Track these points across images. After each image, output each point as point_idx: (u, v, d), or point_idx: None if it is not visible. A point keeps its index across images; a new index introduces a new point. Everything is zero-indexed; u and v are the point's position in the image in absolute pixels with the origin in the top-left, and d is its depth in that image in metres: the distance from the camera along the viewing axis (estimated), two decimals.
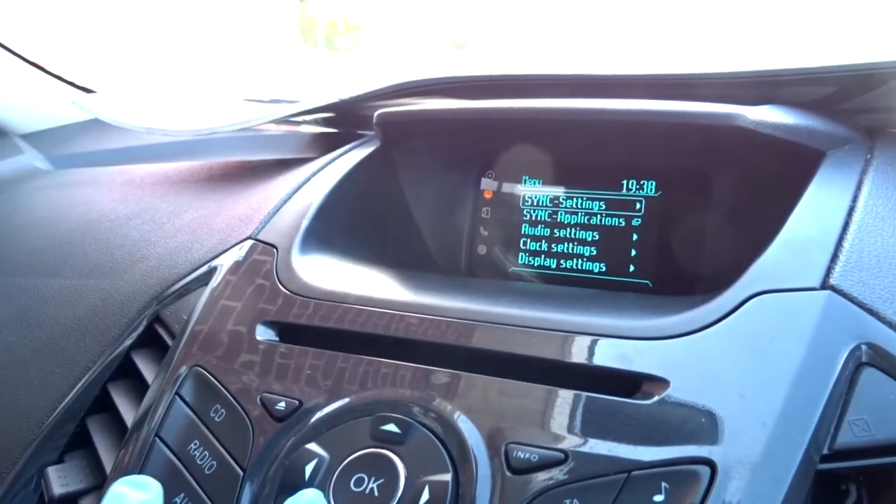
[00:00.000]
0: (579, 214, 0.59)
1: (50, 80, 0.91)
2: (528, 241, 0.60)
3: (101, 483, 0.46)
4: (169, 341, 0.50)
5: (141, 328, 0.53)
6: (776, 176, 0.50)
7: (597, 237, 0.58)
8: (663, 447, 0.35)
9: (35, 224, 0.72)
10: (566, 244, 0.59)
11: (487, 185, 0.63)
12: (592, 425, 0.36)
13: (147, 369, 0.50)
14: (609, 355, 0.39)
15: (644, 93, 0.54)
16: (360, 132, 0.72)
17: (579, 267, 0.58)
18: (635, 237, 0.56)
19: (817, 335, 0.37)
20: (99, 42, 1.03)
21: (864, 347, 0.36)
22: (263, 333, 0.46)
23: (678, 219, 0.55)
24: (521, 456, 0.36)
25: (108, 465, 0.46)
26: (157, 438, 0.43)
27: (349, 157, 0.61)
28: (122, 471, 0.43)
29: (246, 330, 0.46)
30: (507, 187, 0.62)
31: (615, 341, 0.39)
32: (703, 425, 0.35)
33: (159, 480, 0.41)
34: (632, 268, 0.56)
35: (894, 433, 0.34)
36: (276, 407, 0.42)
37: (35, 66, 0.90)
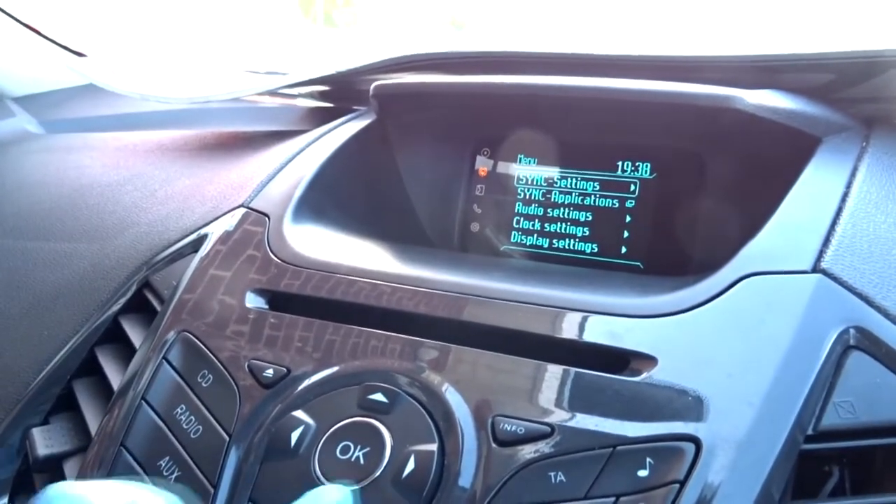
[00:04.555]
0: (573, 194, 0.58)
1: (44, 44, 0.90)
2: (522, 219, 0.60)
3: (85, 445, 0.46)
4: (158, 306, 0.50)
5: (130, 293, 0.53)
6: (772, 160, 0.50)
7: (590, 218, 0.58)
8: (649, 423, 0.35)
9: (25, 187, 0.71)
10: (559, 224, 0.59)
11: (482, 162, 0.62)
12: (579, 400, 0.37)
13: (135, 334, 0.50)
14: (598, 332, 0.39)
15: (643, 74, 0.54)
16: (355, 107, 0.71)
17: (571, 247, 0.58)
18: (628, 219, 0.56)
19: (807, 317, 0.37)
20: (95, 7, 1.02)
21: (852, 331, 0.37)
22: (253, 301, 0.46)
23: (672, 201, 0.55)
24: (508, 428, 0.36)
25: (93, 427, 0.46)
26: (143, 402, 0.43)
27: (344, 129, 0.60)
28: (107, 434, 0.43)
29: (236, 297, 0.46)
30: (501, 166, 0.62)
31: (605, 318, 0.39)
32: (689, 403, 0.35)
33: (144, 443, 0.41)
34: (624, 249, 0.56)
35: (879, 416, 0.35)
36: (264, 374, 0.42)
37: (30, 29, 0.89)
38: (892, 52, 0.50)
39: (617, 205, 0.57)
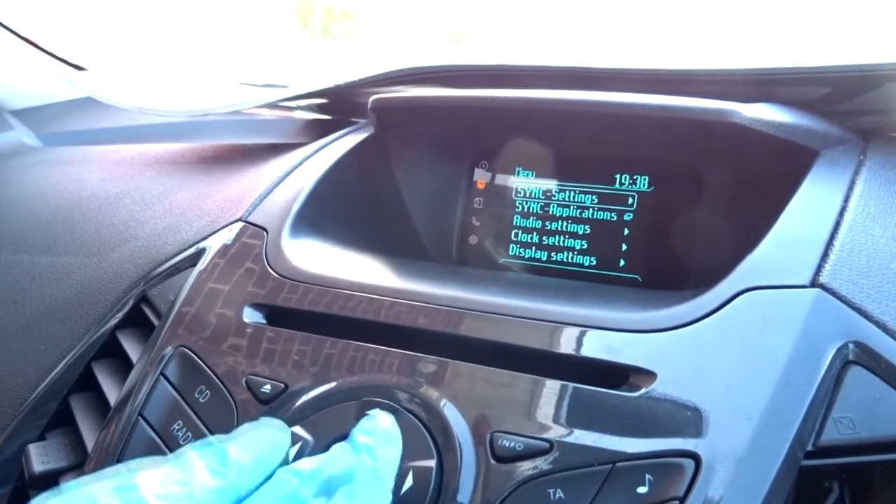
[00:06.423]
0: (571, 207, 0.58)
1: (43, 57, 0.90)
2: (520, 232, 0.60)
3: (82, 461, 0.46)
4: (155, 321, 0.50)
5: (127, 308, 0.53)
6: (769, 174, 0.50)
7: (588, 231, 0.58)
8: (648, 439, 0.35)
9: (23, 201, 0.71)
10: (557, 237, 0.59)
11: (480, 175, 0.62)
12: (578, 416, 0.36)
13: (132, 349, 0.49)
14: (597, 347, 0.39)
15: (640, 87, 0.54)
16: (353, 119, 0.71)
17: (570, 260, 0.58)
18: (626, 232, 0.56)
19: (805, 332, 0.37)
20: (93, 20, 1.02)
21: (851, 346, 0.37)
22: (251, 316, 0.46)
23: (670, 214, 0.55)
24: (507, 444, 0.36)
25: (89, 443, 0.46)
26: (140, 418, 0.42)
27: (343, 143, 0.60)
28: (104, 450, 0.42)
29: (233, 312, 0.46)
30: (500, 178, 0.62)
31: (603, 333, 0.39)
32: (688, 418, 0.35)
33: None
34: (622, 262, 0.56)
35: (879, 431, 0.34)
36: (262, 389, 0.41)
37: (28, 42, 0.89)
38: (888, 65, 0.50)
39: (615, 218, 0.57)
